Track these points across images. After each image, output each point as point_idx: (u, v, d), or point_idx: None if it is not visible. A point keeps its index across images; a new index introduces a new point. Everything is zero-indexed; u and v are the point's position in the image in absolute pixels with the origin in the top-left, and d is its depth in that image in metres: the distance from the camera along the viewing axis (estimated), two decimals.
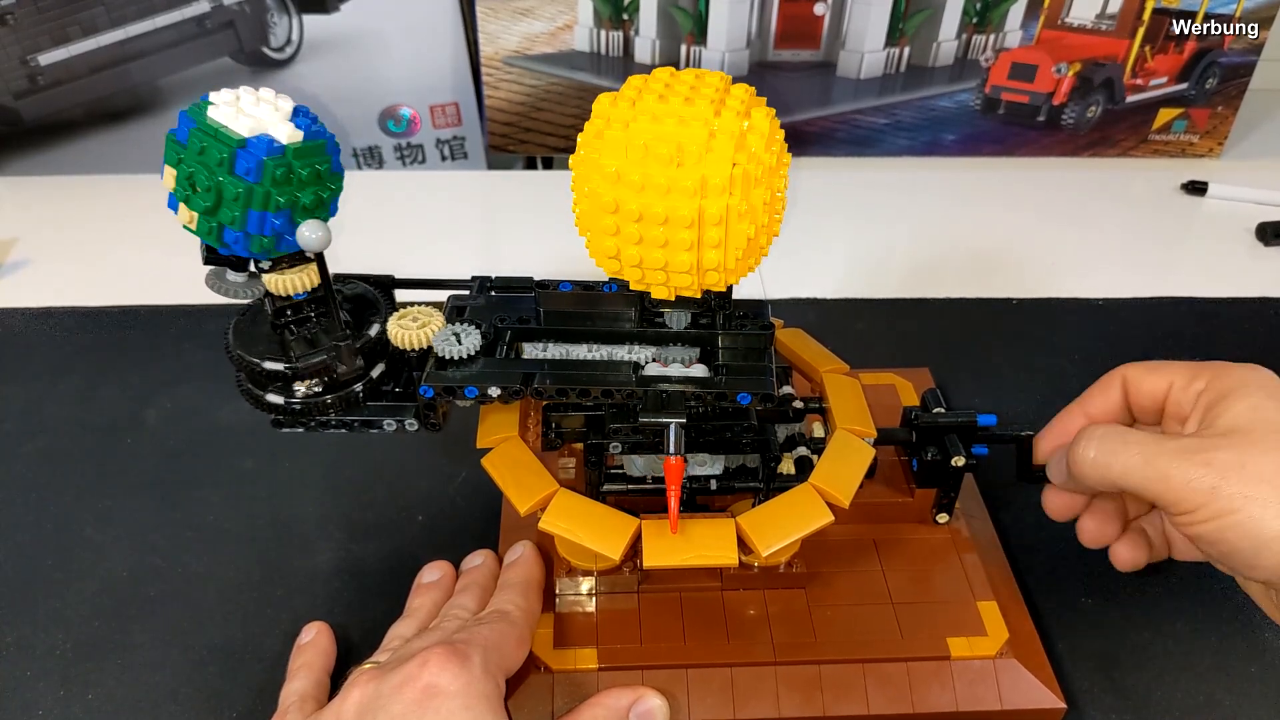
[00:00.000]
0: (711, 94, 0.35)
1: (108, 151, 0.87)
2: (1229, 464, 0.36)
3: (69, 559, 0.52)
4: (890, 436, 0.49)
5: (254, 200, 0.35)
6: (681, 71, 0.37)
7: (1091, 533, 0.45)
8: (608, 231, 0.36)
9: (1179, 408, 0.41)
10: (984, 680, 0.44)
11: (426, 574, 0.49)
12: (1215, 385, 0.40)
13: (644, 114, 0.35)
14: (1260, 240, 0.80)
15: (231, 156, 0.35)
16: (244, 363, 0.41)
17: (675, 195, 0.34)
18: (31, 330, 0.69)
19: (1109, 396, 0.44)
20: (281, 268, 0.39)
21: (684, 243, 0.35)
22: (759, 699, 0.44)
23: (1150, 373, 0.43)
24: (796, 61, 0.87)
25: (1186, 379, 0.41)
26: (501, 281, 0.47)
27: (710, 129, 0.34)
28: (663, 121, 0.34)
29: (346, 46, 0.85)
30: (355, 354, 0.41)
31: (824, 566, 0.48)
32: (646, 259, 0.36)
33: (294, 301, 0.41)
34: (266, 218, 0.36)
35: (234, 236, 0.36)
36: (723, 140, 0.34)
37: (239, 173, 0.35)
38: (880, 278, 0.76)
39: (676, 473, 0.40)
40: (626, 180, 0.34)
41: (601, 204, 0.35)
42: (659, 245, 0.35)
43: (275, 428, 0.43)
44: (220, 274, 0.40)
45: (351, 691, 0.39)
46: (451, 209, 0.84)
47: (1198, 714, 0.46)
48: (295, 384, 0.41)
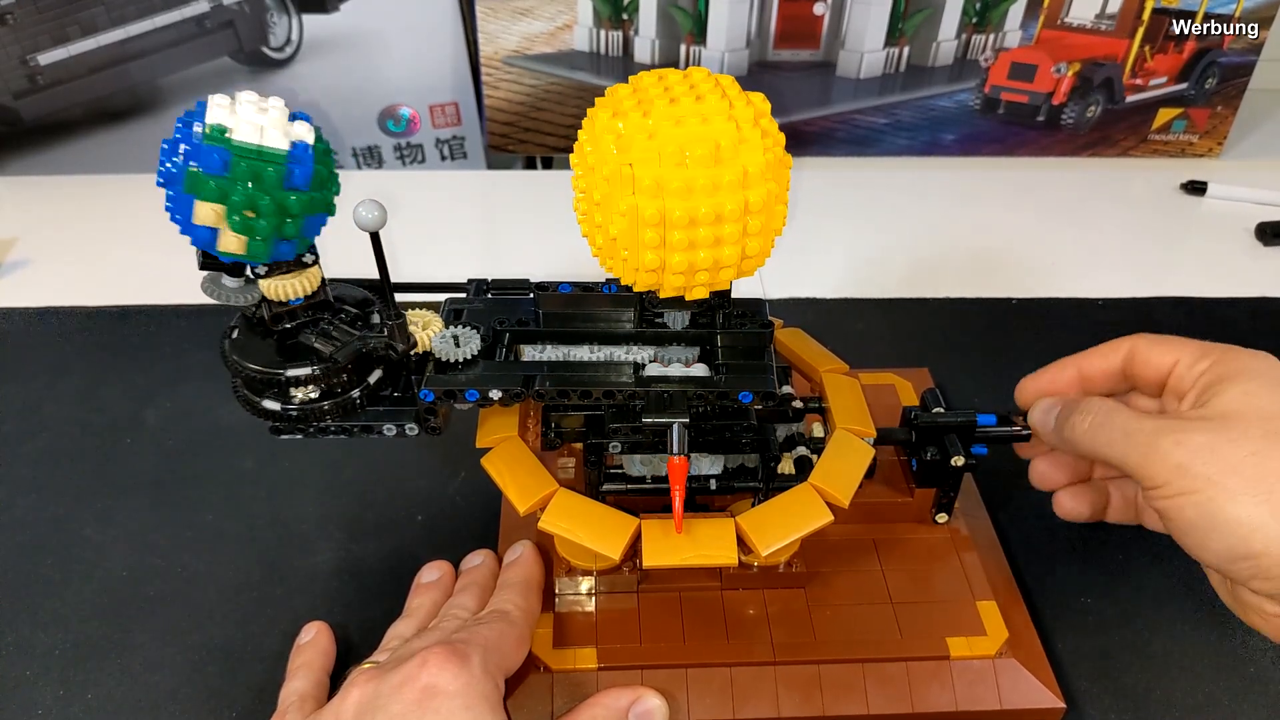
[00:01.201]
0: (713, 87, 0.35)
1: (107, 151, 0.87)
2: (1200, 445, 0.36)
3: (69, 559, 0.52)
4: (890, 436, 0.49)
5: (312, 206, 0.36)
6: (670, 72, 0.37)
7: (1040, 474, 0.48)
8: (650, 245, 0.35)
9: (1180, 383, 0.41)
10: (983, 680, 0.44)
11: (426, 574, 0.49)
12: (1217, 367, 0.40)
13: (664, 121, 0.34)
14: (1260, 240, 0.80)
15: (287, 171, 0.35)
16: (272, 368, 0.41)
17: (723, 192, 0.34)
18: (31, 330, 0.69)
19: (1109, 360, 0.44)
20: (278, 273, 0.39)
21: (733, 236, 0.35)
22: (758, 699, 0.44)
23: (1159, 345, 0.43)
24: (796, 61, 0.87)
25: (1193, 357, 0.41)
26: (498, 284, 0.46)
27: (734, 121, 0.34)
28: (686, 124, 0.34)
29: (346, 46, 0.85)
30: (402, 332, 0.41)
31: (823, 566, 0.48)
32: (697, 262, 0.36)
33: (290, 307, 0.40)
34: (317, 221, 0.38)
35: (288, 246, 0.37)
36: (748, 130, 0.34)
37: (298, 184, 0.36)
38: (880, 278, 0.76)
39: (681, 472, 0.40)
40: (669, 189, 0.34)
41: (644, 219, 0.34)
42: (709, 245, 0.35)
43: (274, 435, 0.43)
44: (216, 279, 0.40)
45: (351, 691, 0.39)
46: (451, 209, 0.84)
47: (1197, 714, 0.46)
48: (292, 390, 0.41)
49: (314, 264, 0.40)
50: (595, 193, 0.36)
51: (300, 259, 0.39)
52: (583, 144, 0.37)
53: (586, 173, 0.37)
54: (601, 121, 0.36)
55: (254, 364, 0.40)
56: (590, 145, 0.36)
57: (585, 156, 0.37)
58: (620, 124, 0.35)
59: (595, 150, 0.36)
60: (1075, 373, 0.45)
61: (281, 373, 0.40)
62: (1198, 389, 0.40)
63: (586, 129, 0.37)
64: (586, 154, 0.37)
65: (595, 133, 0.36)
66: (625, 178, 0.34)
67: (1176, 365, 0.42)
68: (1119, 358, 0.44)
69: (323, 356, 0.40)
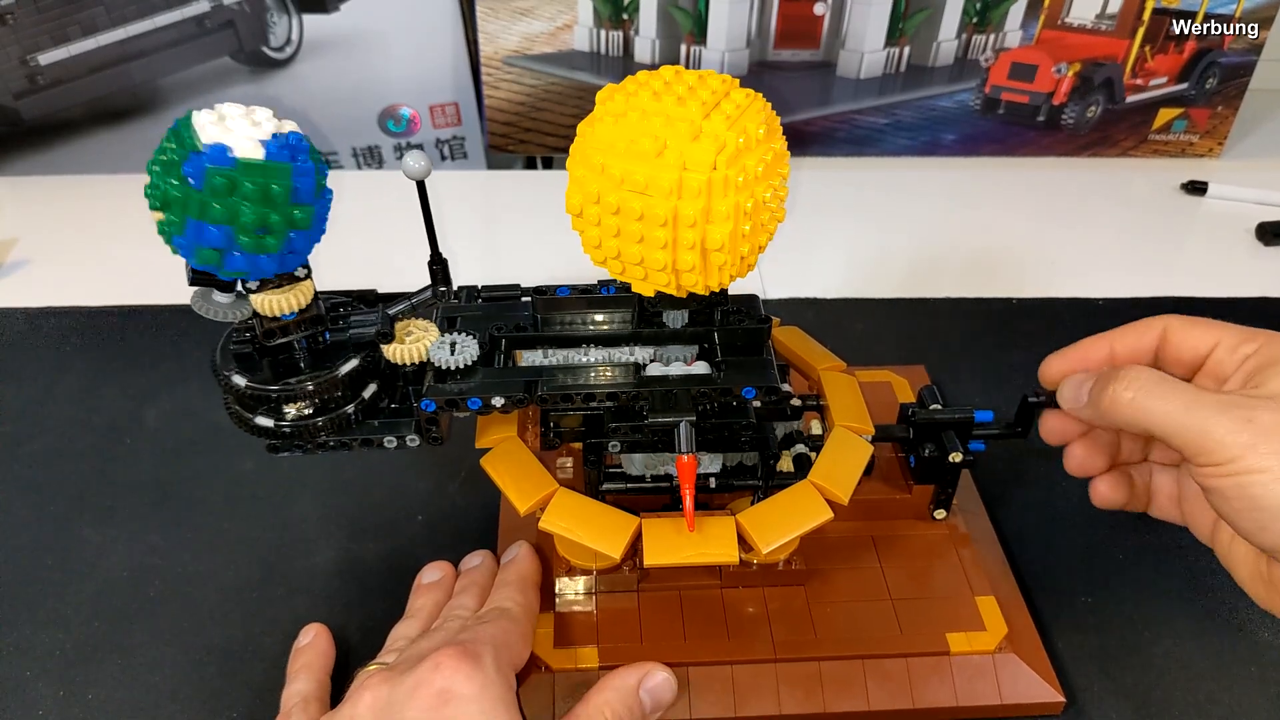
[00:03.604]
0: (707, 96, 0.35)
1: (107, 151, 0.87)
2: (1271, 425, 0.36)
3: (69, 559, 0.52)
4: (888, 433, 0.49)
5: (189, 206, 0.34)
6: (686, 71, 0.37)
7: (1079, 460, 0.45)
8: (592, 221, 0.36)
9: (1220, 366, 0.41)
10: (983, 675, 0.44)
11: (427, 574, 0.49)
12: (1266, 350, 0.39)
13: (635, 109, 0.35)
14: (1260, 240, 0.80)
15: (182, 161, 0.34)
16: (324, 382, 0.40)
17: (651, 193, 0.34)
18: (31, 330, 0.69)
19: (1142, 340, 0.43)
20: (269, 288, 0.39)
21: (659, 241, 0.35)
22: (759, 696, 0.44)
23: (1197, 327, 0.42)
24: (796, 61, 0.87)
25: (1237, 340, 0.40)
26: (488, 290, 0.46)
27: (695, 131, 0.34)
28: (650, 119, 0.34)
29: (346, 46, 0.85)
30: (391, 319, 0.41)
31: (823, 563, 0.48)
32: (625, 252, 0.36)
33: (283, 322, 0.40)
34: (204, 228, 0.35)
35: (179, 242, 0.36)
36: (705, 143, 0.34)
37: (186, 174, 0.34)
38: (880, 278, 0.76)
39: (690, 471, 0.40)
40: (609, 174, 0.35)
41: (586, 193, 0.36)
42: (635, 240, 0.36)
43: (271, 453, 0.43)
44: (206, 295, 0.39)
45: (363, 695, 0.39)
46: (451, 209, 0.84)
47: (1197, 712, 0.46)
48: (285, 406, 0.41)
49: (306, 277, 0.40)
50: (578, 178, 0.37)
51: (292, 273, 0.39)
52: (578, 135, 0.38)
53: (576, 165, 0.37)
54: (602, 95, 0.36)
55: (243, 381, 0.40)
56: (580, 136, 0.37)
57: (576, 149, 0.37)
58: (609, 102, 0.36)
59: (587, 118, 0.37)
60: (1107, 350, 0.44)
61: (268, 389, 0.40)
62: (1244, 372, 0.39)
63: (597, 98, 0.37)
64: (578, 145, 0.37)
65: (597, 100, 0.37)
66: (582, 152, 0.36)
67: (1216, 348, 0.41)
68: (1154, 337, 0.43)
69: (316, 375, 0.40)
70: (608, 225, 0.36)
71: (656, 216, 0.34)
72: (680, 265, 0.36)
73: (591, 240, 0.37)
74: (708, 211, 0.35)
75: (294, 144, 0.36)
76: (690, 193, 0.34)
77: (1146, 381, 0.39)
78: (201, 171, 0.34)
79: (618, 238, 0.36)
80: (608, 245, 0.37)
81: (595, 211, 0.36)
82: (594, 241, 0.37)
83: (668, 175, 0.34)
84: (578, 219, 0.37)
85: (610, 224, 0.36)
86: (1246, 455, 0.36)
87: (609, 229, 0.36)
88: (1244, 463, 0.36)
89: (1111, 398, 0.40)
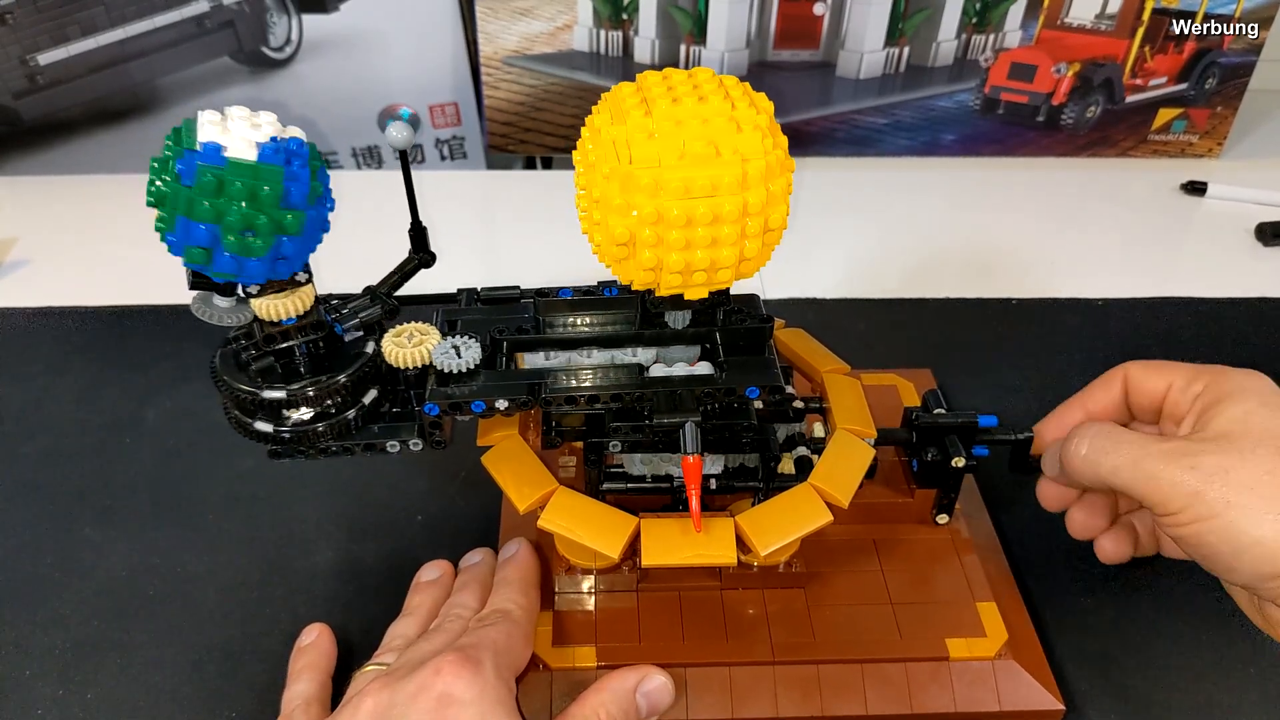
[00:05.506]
0: (716, 88, 0.35)
1: (107, 151, 0.87)
2: (1214, 469, 0.36)
3: (69, 559, 0.52)
4: (890, 437, 0.49)
5: (179, 203, 0.34)
6: (671, 73, 0.37)
7: (1079, 524, 0.46)
8: (648, 244, 0.35)
9: (1176, 408, 0.42)
10: (983, 681, 0.44)
11: (425, 573, 0.49)
12: (1212, 389, 0.40)
13: (665, 120, 0.34)
14: (1260, 240, 0.80)
15: (175, 158, 0.34)
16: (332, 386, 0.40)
17: (720, 194, 0.34)
18: (31, 330, 0.69)
19: (1110, 392, 0.44)
20: (270, 292, 0.38)
21: (731, 238, 0.35)
22: (757, 698, 0.44)
23: (1151, 371, 0.43)
24: (796, 61, 0.87)
25: (1186, 380, 0.41)
26: (488, 293, 0.46)
27: (734, 123, 0.34)
28: (687, 124, 0.34)
29: (346, 46, 0.85)
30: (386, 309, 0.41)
31: (823, 566, 0.48)
32: (694, 262, 0.36)
33: (284, 327, 0.40)
34: (192, 225, 0.35)
35: (170, 240, 0.35)
36: (750, 131, 0.34)
37: (178, 171, 0.34)
38: (880, 278, 0.76)
39: (695, 471, 0.39)
40: (667, 188, 0.34)
41: (642, 216, 0.34)
42: (706, 246, 0.35)
43: (272, 458, 0.42)
44: (207, 299, 0.39)
45: (364, 700, 0.39)
46: (451, 209, 0.84)
47: (1197, 714, 0.46)
48: (284, 411, 0.41)
49: (307, 282, 0.39)
50: (595, 190, 0.36)
51: (293, 277, 0.38)
52: (585, 141, 0.37)
53: (587, 170, 0.37)
54: (603, 119, 0.36)
55: (242, 385, 0.40)
56: (592, 143, 0.36)
57: (587, 154, 0.37)
58: (623, 122, 0.35)
59: (596, 148, 0.36)
60: (1081, 411, 0.45)
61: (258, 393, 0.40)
62: (1195, 412, 0.40)
63: (589, 126, 0.37)
64: (588, 151, 0.37)
65: (597, 130, 0.36)
66: (624, 176, 0.34)
67: (1170, 390, 0.42)
68: (1118, 388, 0.44)
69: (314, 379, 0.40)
70: (672, 240, 0.35)
71: (728, 215, 0.34)
72: (746, 254, 0.36)
73: (646, 262, 0.36)
74: (769, 195, 0.35)
75: (292, 149, 0.35)
76: (754, 181, 0.34)
77: (1095, 437, 0.40)
78: (193, 169, 0.34)
79: (686, 250, 0.35)
80: (671, 260, 0.35)
81: (654, 232, 0.35)
82: (648, 264, 0.36)
83: (731, 172, 0.34)
84: (622, 248, 0.36)
85: (676, 238, 0.35)
86: (1194, 504, 0.36)
87: (675, 244, 0.35)
88: (1193, 511, 0.36)
89: (1068, 458, 0.41)
